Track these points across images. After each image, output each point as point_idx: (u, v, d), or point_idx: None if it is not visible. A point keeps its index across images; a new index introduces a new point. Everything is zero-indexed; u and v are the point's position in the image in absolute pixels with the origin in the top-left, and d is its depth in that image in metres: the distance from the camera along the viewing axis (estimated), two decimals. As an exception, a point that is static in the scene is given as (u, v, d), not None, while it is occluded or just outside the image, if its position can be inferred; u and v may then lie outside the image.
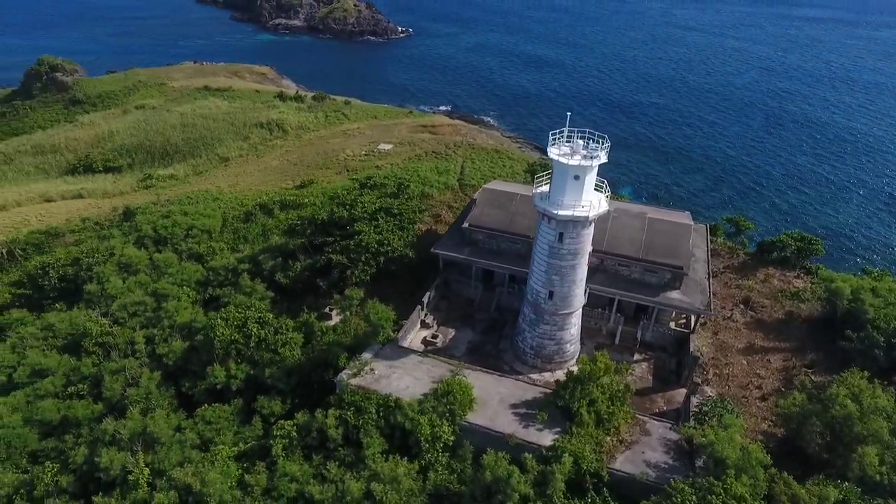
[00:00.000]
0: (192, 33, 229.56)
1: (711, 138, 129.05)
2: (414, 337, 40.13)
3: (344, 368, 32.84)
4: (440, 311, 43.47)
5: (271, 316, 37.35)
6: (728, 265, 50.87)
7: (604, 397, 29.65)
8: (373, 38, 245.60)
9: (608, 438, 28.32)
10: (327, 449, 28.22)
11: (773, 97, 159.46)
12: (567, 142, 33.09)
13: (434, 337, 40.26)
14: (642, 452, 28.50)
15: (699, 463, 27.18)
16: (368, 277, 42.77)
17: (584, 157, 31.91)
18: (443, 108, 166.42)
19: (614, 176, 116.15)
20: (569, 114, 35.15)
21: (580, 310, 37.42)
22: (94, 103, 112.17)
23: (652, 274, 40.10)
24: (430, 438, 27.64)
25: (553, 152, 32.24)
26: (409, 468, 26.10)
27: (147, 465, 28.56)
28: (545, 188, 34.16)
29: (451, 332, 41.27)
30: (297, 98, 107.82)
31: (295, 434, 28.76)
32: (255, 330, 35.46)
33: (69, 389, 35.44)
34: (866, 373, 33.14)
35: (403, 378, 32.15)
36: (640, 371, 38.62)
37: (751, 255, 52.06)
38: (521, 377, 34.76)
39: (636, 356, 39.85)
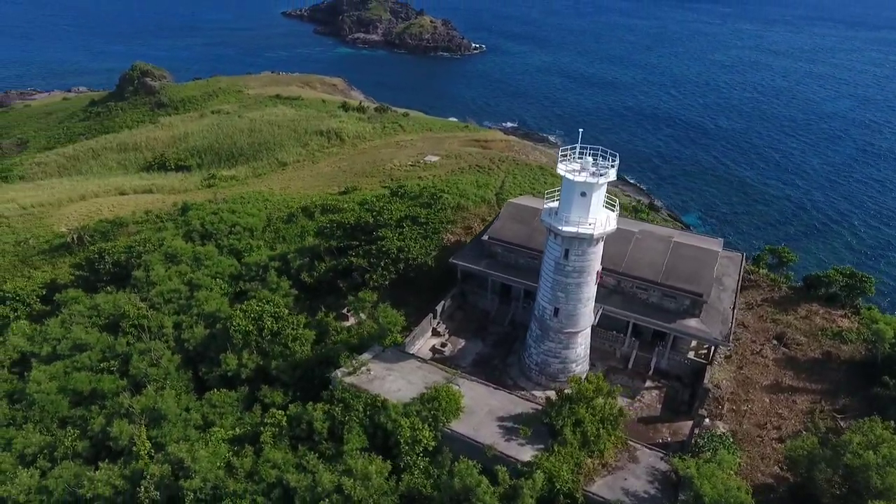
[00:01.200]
0: (276, 45, 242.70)
1: (788, 170, 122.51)
2: (423, 344, 40.73)
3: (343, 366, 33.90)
4: (455, 320, 43.87)
5: (287, 312, 39.05)
6: (767, 297, 48.30)
7: (593, 419, 29.03)
8: (446, 53, 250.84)
9: (589, 461, 27.67)
10: (313, 441, 29.24)
11: (864, 129, 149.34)
12: (579, 158, 32.96)
13: (443, 346, 40.70)
14: (625, 479, 27.63)
15: (682, 496, 26.09)
16: (387, 282, 43.88)
17: (592, 174, 31.65)
18: (509, 124, 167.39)
19: (681, 202, 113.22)
20: (581, 130, 35.18)
21: (588, 330, 36.77)
22: (176, 107, 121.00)
23: (670, 299, 38.84)
24: (409, 441, 28.06)
25: (561, 168, 32.20)
26: (381, 467, 26.62)
27: (150, 439, 30.64)
28: (555, 204, 34.06)
29: (462, 343, 41.56)
30: (360, 109, 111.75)
31: (285, 424, 30.01)
32: (269, 323, 37.25)
33: (102, 364, 38.46)
34: (894, 423, 30.66)
35: (398, 381, 32.79)
36: (649, 398, 37.37)
37: (795, 290, 49.21)
38: (516, 392, 34.51)
39: (648, 383, 38.59)
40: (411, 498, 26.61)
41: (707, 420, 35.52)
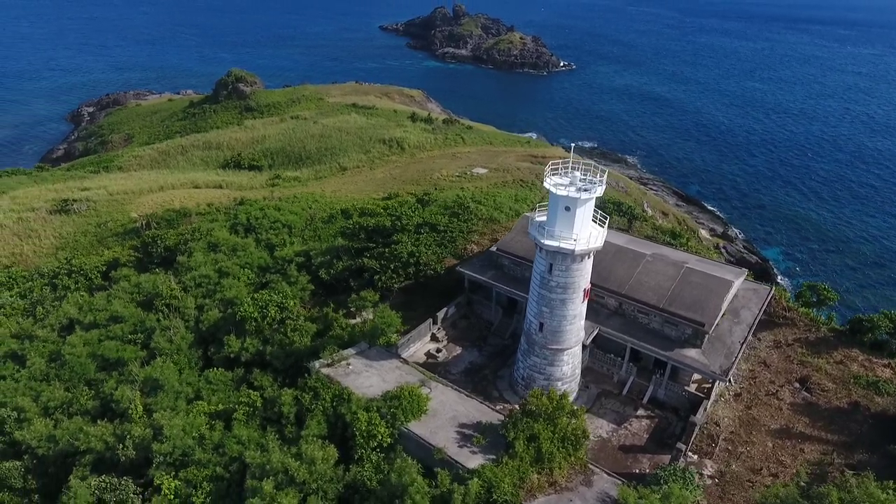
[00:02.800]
0: (369, 56, 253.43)
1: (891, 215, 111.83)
2: (419, 348, 41.53)
3: (328, 359, 35.46)
4: (458, 328, 44.33)
5: (293, 303, 41.33)
6: (802, 338, 44.83)
7: (550, 436, 28.61)
8: (533, 70, 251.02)
9: (535, 476, 27.26)
10: (281, 423, 30.93)
11: None
12: (568, 172, 32.75)
13: (438, 351, 41.30)
14: (570, 500, 26.97)
15: (621, 525, 25.17)
16: (396, 285, 45.20)
17: (577, 188, 31.35)
18: (586, 144, 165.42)
19: (764, 234, 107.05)
20: (572, 145, 34.64)
21: (575, 349, 36.06)
22: (262, 111, 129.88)
23: (672, 327, 37.27)
24: (365, 434, 28.99)
25: (547, 182, 32.13)
26: (329, 454, 27.71)
27: (146, 406, 33.63)
28: (544, 217, 33.92)
29: (458, 351, 41.94)
30: (427, 120, 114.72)
31: (259, 405, 31.94)
32: (272, 312, 39.64)
33: (130, 336, 42.46)
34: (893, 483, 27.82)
35: (373, 378, 33.86)
36: (637, 427, 35.94)
37: (836, 332, 45.34)
38: (489, 403, 34.45)
39: (640, 411, 37.11)
40: (356, 489, 27.48)
41: (693, 456, 33.85)
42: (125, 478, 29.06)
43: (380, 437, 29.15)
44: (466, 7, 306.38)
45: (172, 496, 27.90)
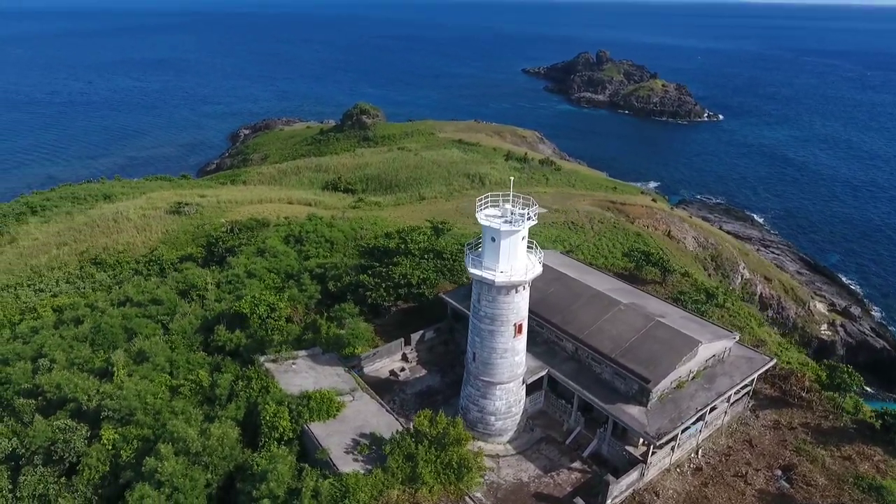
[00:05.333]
0: (503, 97, 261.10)
1: None
2: (386, 364, 43.17)
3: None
4: (434, 353, 45.29)
5: (283, 305, 45.47)
6: (812, 423, 39.24)
7: (432, 459, 28.88)
8: (672, 119, 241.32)
9: (395, 493, 27.61)
10: (213, 403, 34.58)
11: None
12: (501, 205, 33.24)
13: (401, 370, 42.63)
14: (421, 524, 26.93)
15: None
16: (386, 303, 47.57)
17: (504, 221, 31.71)
18: (712, 198, 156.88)
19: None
20: (511, 178, 34.84)
21: (510, 386, 35.42)
22: (377, 141, 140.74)
23: (621, 380, 35.18)
24: (269, 424, 31.52)
25: (478, 213, 32.86)
26: (226, 434, 30.53)
27: (130, 372, 39.35)
28: (484, 248, 34.40)
29: (422, 373, 42.90)
30: (522, 159, 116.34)
31: (206, 385, 35.96)
32: (261, 310, 44.04)
33: (160, 316, 49.50)
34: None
35: (308, 379, 36.31)
36: (563, 478, 34.11)
37: (861, 424, 39.10)
38: (401, 419, 35.01)
39: (576, 464, 35.20)
40: (244, 469, 30.01)
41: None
42: (81, 423, 34.51)
43: (281, 430, 31.49)
44: (611, 53, 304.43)
45: (110, 447, 32.61)
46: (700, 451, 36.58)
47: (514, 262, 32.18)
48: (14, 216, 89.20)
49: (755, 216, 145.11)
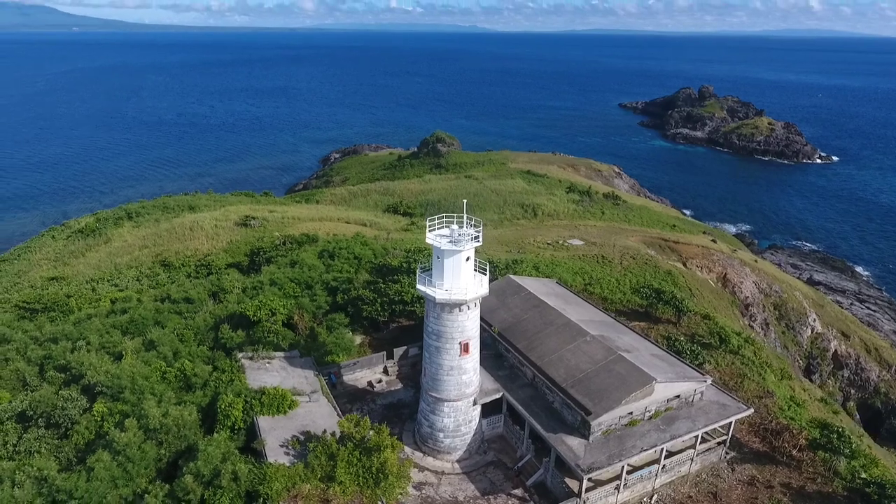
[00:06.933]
0: (594, 131, 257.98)
1: None
2: (364, 375, 45.00)
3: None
4: (416, 369, 46.36)
5: (283, 310, 48.96)
6: (795, 485, 36.00)
7: (354, 461, 30.25)
8: (777, 159, 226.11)
9: (306, 487, 29.10)
10: (190, 390, 38.21)
11: None
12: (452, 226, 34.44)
13: (378, 382, 44.29)
14: (322, 519, 28.15)
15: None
16: (381, 317, 49.67)
17: (448, 241, 32.91)
18: (809, 245, 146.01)
19: None
20: (464, 201, 35.70)
21: (459, 404, 35.90)
22: (448, 168, 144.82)
23: (568, 410, 34.58)
24: (225, 412, 34.40)
25: (428, 233, 34.29)
26: (183, 415, 33.59)
27: (140, 356, 44.26)
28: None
29: (398, 387, 44.27)
30: (585, 192, 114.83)
31: (189, 373, 39.76)
32: (262, 314, 47.78)
33: (186, 312, 54.95)
34: None
35: (275, 378, 38.82)
36: (499, 503, 33.97)
37: (856, 492, 35.28)
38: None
39: (517, 491, 34.81)
40: (190, 449, 32.97)
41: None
42: (83, 396, 39.38)
43: (234, 419, 34.24)
44: (716, 89, 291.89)
45: (98, 418, 37.03)
46: (655, 496, 34.81)
47: (457, 282, 33.15)
48: (113, 220, 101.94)
49: (857, 268, 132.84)
